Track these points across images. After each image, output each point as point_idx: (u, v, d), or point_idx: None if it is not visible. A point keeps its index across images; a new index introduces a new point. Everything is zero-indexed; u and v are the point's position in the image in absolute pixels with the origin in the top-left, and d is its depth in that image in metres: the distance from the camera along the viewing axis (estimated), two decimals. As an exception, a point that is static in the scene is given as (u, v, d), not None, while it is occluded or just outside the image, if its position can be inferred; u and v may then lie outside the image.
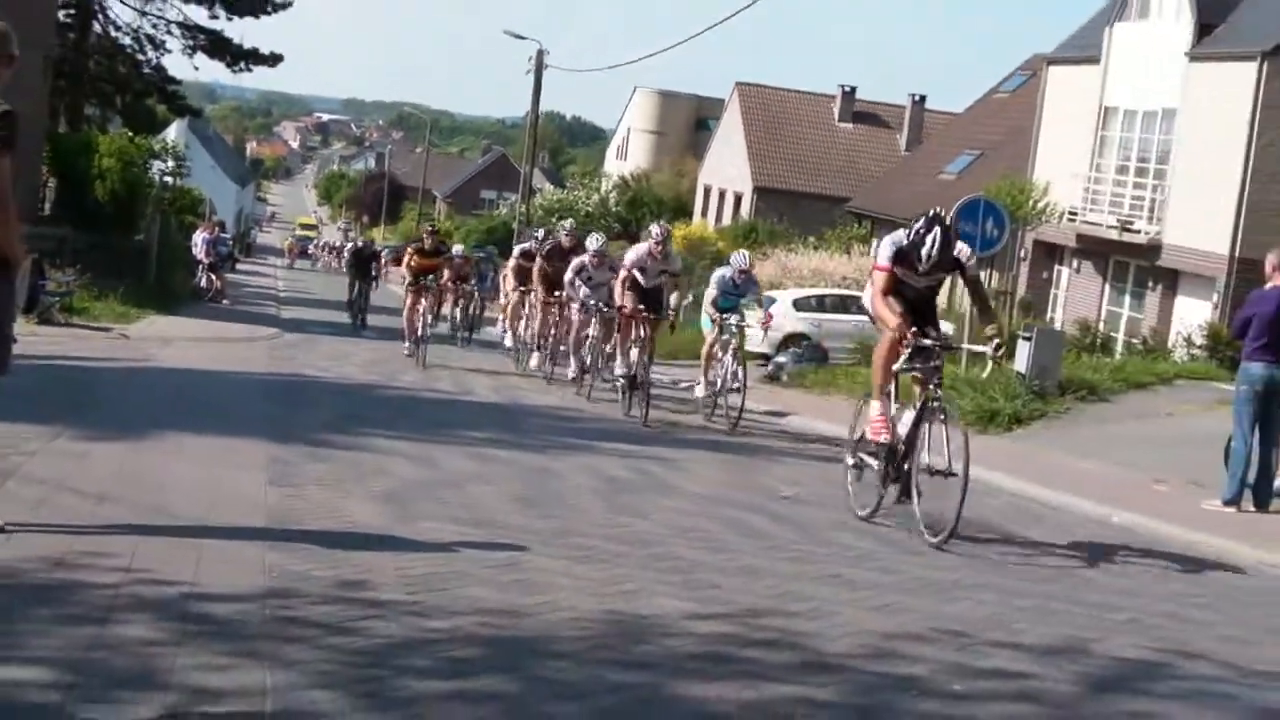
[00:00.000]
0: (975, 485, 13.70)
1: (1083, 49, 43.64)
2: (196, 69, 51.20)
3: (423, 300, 24.91)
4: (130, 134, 40.24)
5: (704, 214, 69.58)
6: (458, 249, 32.79)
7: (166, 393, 15.77)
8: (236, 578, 7.33)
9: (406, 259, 26.97)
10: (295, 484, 10.35)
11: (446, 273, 27.14)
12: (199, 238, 42.48)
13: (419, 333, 24.30)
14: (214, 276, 41.55)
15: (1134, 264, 39.16)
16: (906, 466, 10.98)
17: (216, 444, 11.79)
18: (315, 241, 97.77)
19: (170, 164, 47.81)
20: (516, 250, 27.00)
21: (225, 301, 39.91)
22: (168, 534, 8.13)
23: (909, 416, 11.07)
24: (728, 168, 68.10)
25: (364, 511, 9.54)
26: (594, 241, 21.91)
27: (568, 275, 21.66)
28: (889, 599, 8.48)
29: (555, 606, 7.43)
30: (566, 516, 10.31)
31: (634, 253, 19.55)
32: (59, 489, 9.06)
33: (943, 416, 10.81)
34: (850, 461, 11.86)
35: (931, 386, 10.96)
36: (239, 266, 65.67)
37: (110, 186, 34.12)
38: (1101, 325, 38.59)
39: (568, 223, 25.68)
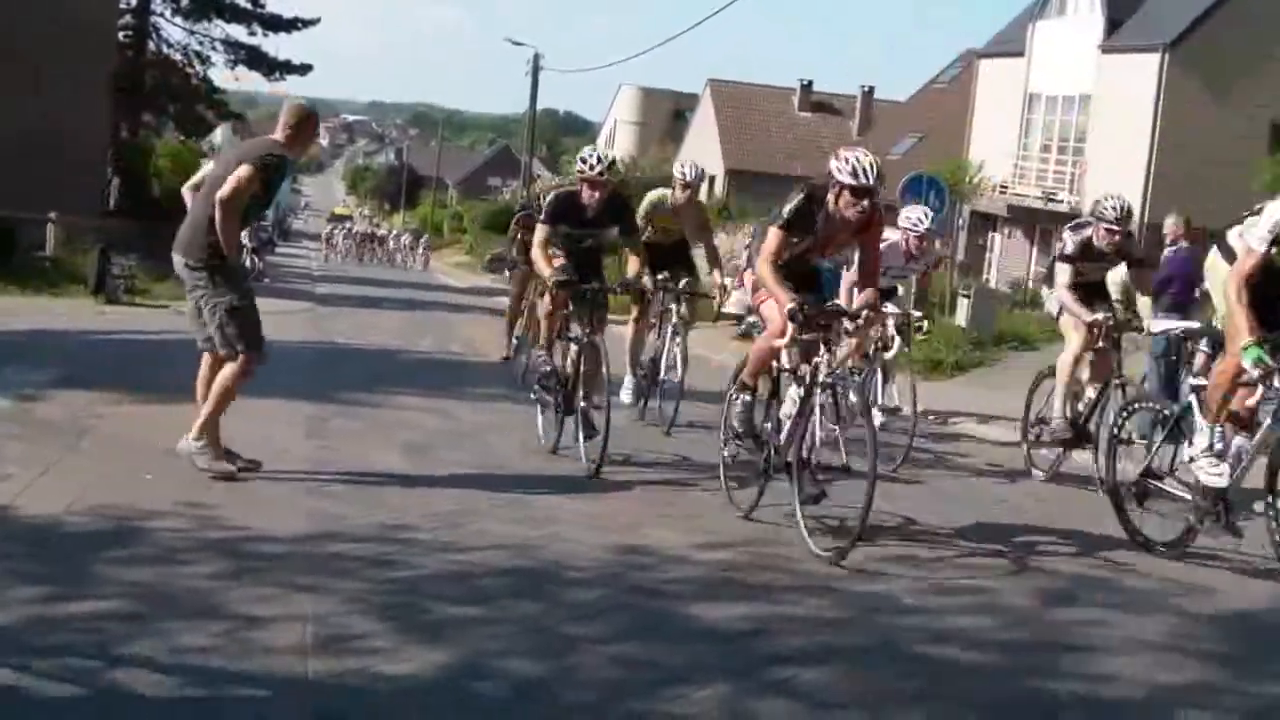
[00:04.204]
0: (930, 425, 13.67)
1: (1009, 44, 43.62)
2: (238, 79, 50.80)
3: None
4: (182, 138, 40.17)
5: (683, 194, 69.37)
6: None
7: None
8: (282, 521, 7.30)
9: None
10: (330, 438, 10.31)
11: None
12: (242, 225, 42.35)
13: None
14: (255, 258, 41.38)
15: (1057, 230, 39.13)
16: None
17: (261, 404, 11.68)
18: (348, 229, 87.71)
19: (217, 163, 47.63)
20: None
21: (266, 280, 39.72)
22: (222, 484, 8.10)
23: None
24: (703, 153, 67.70)
25: (390, 460, 9.48)
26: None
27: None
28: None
29: (561, 538, 7.40)
30: (568, 460, 10.25)
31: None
32: (127, 447, 9.02)
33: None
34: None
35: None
36: (278, 249, 65.33)
37: (166, 184, 34.07)
38: (1030, 284, 38.60)
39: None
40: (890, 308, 10.95)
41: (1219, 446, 7.68)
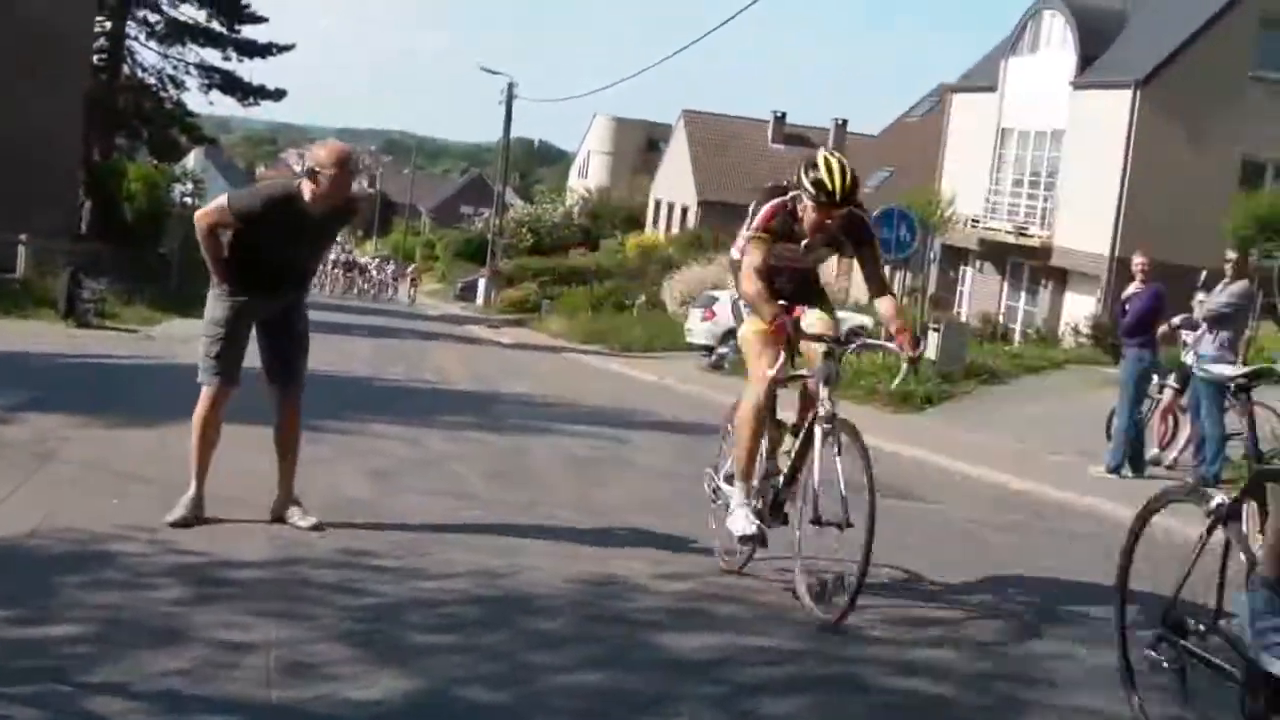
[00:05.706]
0: (899, 460, 13.68)
1: (981, 79, 43.86)
2: (212, 104, 50.97)
3: None
4: (155, 162, 40.09)
5: (655, 224, 69.51)
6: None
7: (185, 386, 15.57)
8: (247, 546, 7.29)
9: None
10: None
11: None
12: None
13: None
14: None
15: (1028, 264, 39.46)
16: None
17: (228, 430, 11.65)
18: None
19: (190, 187, 47.62)
20: None
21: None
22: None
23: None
24: (676, 184, 68.09)
25: (358, 487, 9.46)
26: None
27: None
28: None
29: (527, 567, 7.38)
30: (535, 489, 10.25)
31: None
32: (93, 470, 8.99)
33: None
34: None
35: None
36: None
37: (138, 207, 34.03)
38: (1001, 318, 39.00)
39: None
40: None
41: None
